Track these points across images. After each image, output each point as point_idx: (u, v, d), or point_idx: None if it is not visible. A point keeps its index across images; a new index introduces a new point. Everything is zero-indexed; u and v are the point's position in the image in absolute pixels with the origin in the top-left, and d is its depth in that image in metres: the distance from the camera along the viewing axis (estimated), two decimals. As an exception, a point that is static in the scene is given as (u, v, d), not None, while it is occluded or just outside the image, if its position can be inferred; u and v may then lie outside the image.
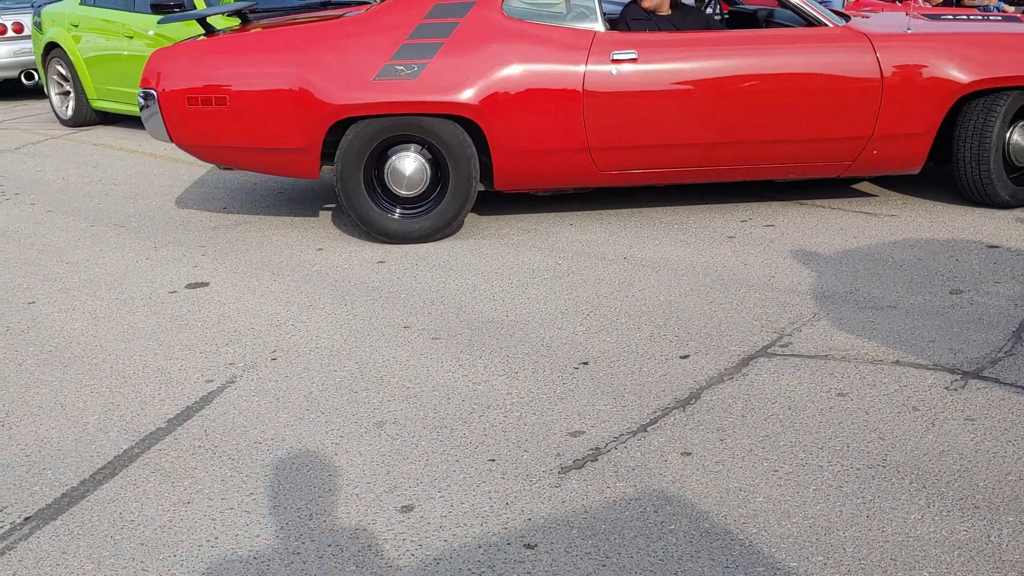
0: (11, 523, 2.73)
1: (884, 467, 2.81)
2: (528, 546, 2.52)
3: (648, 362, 3.58)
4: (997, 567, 2.36)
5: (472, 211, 5.61)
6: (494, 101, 4.92)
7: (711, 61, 5.01)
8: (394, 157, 5.06)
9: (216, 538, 2.62)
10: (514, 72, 4.93)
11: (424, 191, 5.12)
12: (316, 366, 3.66)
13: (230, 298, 4.44)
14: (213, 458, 3.04)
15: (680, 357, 3.61)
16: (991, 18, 5.75)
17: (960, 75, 5.01)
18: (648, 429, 3.09)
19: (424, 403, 3.33)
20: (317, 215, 5.76)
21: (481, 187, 5.23)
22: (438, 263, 4.78)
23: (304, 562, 2.50)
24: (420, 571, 2.44)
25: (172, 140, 5.25)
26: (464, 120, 5.01)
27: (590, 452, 2.97)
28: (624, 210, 5.56)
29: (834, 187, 5.84)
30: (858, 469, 2.81)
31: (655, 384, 3.40)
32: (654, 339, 3.78)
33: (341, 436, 3.13)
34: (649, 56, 5.00)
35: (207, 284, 4.65)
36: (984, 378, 3.33)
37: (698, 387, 3.37)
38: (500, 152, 5.02)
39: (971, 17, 5.78)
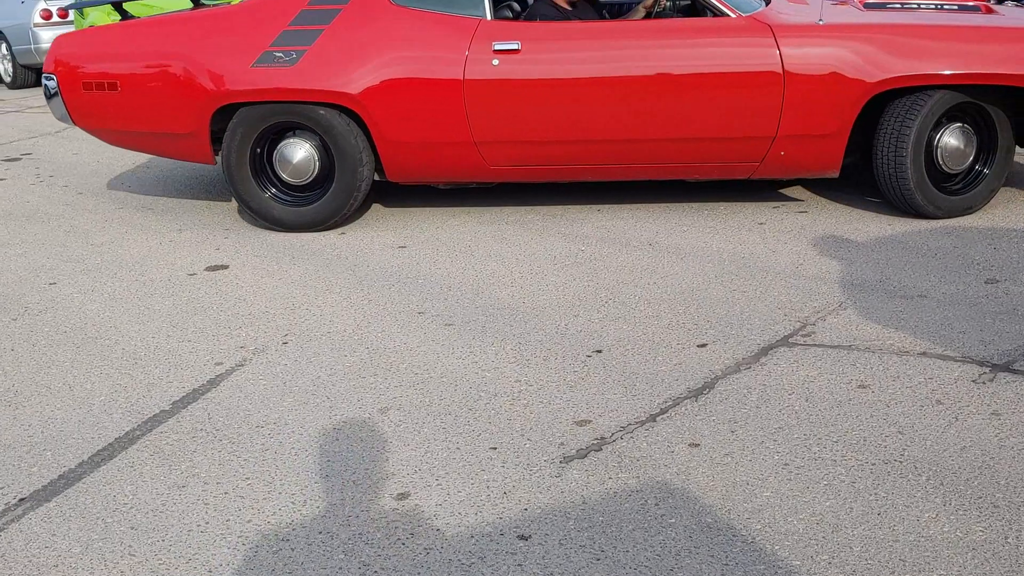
0: (5, 504, 2.71)
1: (901, 462, 2.69)
2: (522, 537, 2.45)
3: (664, 351, 3.48)
4: (1012, 570, 2.24)
5: (498, 197, 5.53)
6: (373, 90, 4.75)
7: (598, 53, 4.70)
8: (282, 144, 5.00)
9: (207, 523, 2.57)
10: (394, 60, 4.75)
11: (313, 180, 5.04)
12: (326, 351, 3.61)
13: (248, 281, 4.40)
14: (213, 442, 3.00)
15: (697, 346, 3.50)
16: (946, 6, 5.09)
17: (871, 72, 4.51)
18: (657, 419, 3.00)
19: (430, 390, 3.26)
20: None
21: (377, 177, 5.10)
22: (460, 248, 4.71)
23: (292, 549, 2.45)
24: (409, 560, 2.38)
25: (75, 124, 5.32)
26: (347, 109, 4.87)
27: (595, 442, 2.88)
28: (654, 196, 5.43)
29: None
30: (873, 464, 2.69)
31: (669, 373, 3.30)
32: (672, 327, 3.68)
33: (344, 422, 3.07)
34: (533, 47, 4.72)
35: (227, 267, 4.62)
36: (1014, 371, 3.18)
37: (713, 377, 3.26)
38: (384, 144, 4.87)
39: (921, 6, 5.04)
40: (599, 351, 3.50)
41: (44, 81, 5.29)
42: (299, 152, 4.97)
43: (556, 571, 2.31)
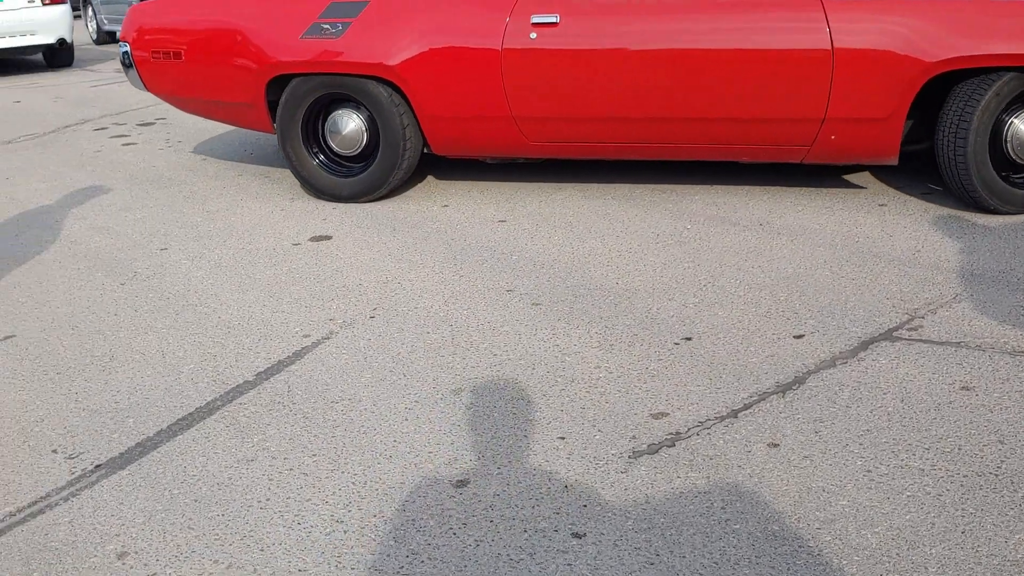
0: (82, 470, 2.79)
1: (996, 476, 2.48)
2: (576, 535, 2.36)
3: (757, 341, 3.31)
4: (1107, 606, 2.03)
5: (608, 172, 5.40)
6: (412, 63, 4.73)
7: (637, 27, 4.46)
8: (333, 115, 5.04)
9: (268, 500, 2.59)
10: (433, 32, 4.71)
11: (362, 151, 5.06)
12: (411, 327, 3.59)
13: (348, 253, 4.42)
14: (288, 416, 3.01)
15: (793, 337, 3.33)
16: None
17: (930, 51, 4.11)
18: (738, 415, 2.85)
19: (507, 372, 3.19)
20: (451, 170, 5.69)
21: (427, 150, 5.09)
22: (560, 224, 4.61)
23: (345, 531, 2.43)
24: (458, 552, 2.33)
25: (149, 91, 5.55)
26: (389, 82, 4.84)
27: (668, 437, 2.76)
28: (771, 173, 5.21)
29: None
30: (965, 476, 2.49)
31: (758, 365, 3.14)
32: (770, 315, 3.50)
33: (416, 402, 3.04)
34: (572, 20, 4.54)
35: (330, 237, 4.66)
36: None
37: (805, 371, 3.09)
38: (425, 117, 4.85)
39: None
40: (688, 338, 3.36)
41: (120, 49, 5.52)
42: (349, 123, 5.02)
43: (606, 573, 2.22)
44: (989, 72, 4.18)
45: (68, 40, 12.09)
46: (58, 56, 12.39)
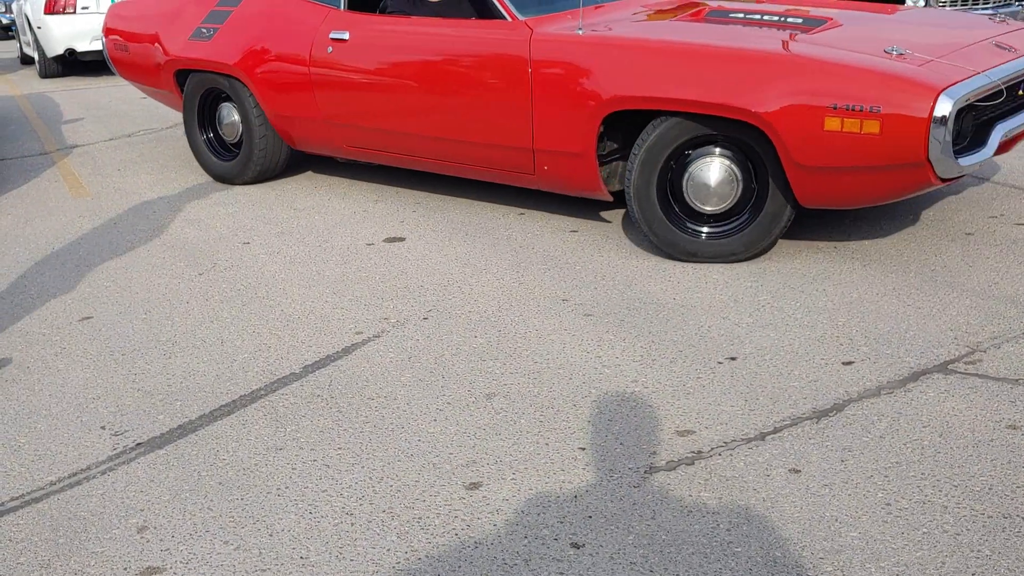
0: (124, 447, 2.92)
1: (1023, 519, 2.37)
2: (575, 545, 2.36)
3: (803, 365, 3.24)
4: (1110, 663, 1.92)
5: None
6: (247, 65, 5.44)
7: (391, 49, 4.86)
8: (222, 106, 5.88)
9: (286, 488, 2.66)
10: (264, 41, 5.39)
11: (239, 140, 5.88)
12: (460, 329, 3.63)
13: (417, 255, 4.50)
14: (324, 408, 3.09)
15: (842, 363, 3.24)
16: (789, 19, 4.44)
17: (606, 90, 4.11)
18: (766, 438, 2.80)
19: (543, 380, 3.21)
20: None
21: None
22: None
23: (352, 524, 2.49)
24: (455, 553, 2.35)
25: (120, 76, 6.59)
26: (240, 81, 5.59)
27: (689, 455, 2.73)
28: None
29: (1120, 186, 5.00)
30: (989, 517, 2.39)
31: (799, 390, 3.07)
32: (823, 340, 3.42)
33: (448, 403, 3.08)
34: (356, 39, 5.01)
35: (403, 239, 4.75)
36: None
37: (846, 398, 3.00)
38: (270, 115, 5.53)
39: (764, 17, 4.47)
40: (733, 358, 3.31)
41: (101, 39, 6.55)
42: (232, 115, 5.77)
43: (596, 585, 2.22)
44: (660, 115, 4.11)
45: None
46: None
